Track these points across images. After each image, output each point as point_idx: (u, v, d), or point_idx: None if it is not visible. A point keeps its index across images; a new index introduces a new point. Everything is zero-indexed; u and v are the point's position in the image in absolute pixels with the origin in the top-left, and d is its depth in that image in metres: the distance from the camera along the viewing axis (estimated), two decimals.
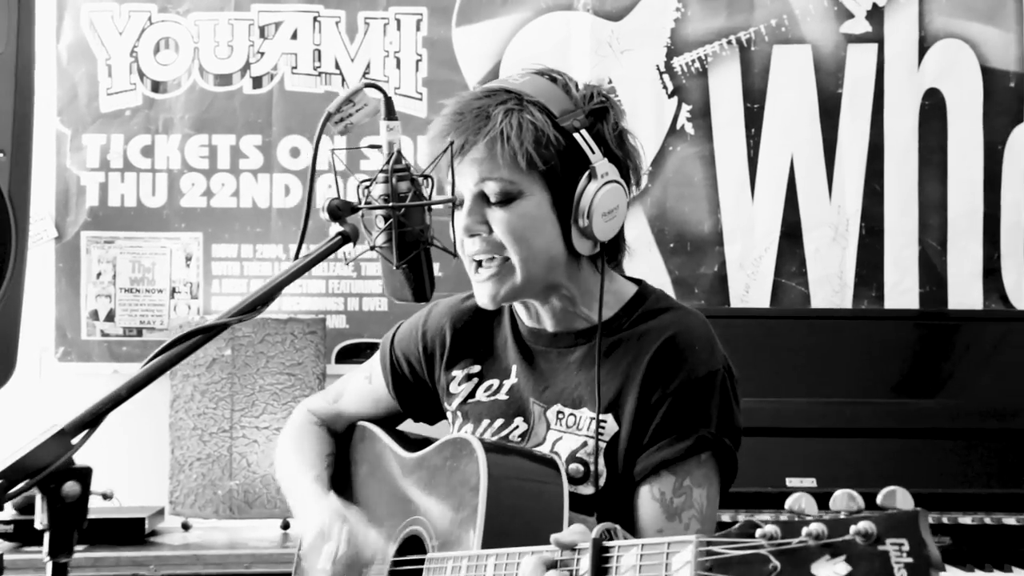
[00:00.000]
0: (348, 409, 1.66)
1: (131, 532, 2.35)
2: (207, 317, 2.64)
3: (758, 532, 0.86)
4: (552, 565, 1.12)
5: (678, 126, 2.74)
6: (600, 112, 1.42)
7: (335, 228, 1.33)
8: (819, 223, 2.83)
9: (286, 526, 2.49)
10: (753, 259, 2.79)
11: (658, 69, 2.76)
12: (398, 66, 2.73)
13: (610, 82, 2.68)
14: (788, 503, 0.87)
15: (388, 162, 1.34)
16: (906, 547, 0.82)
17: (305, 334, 2.53)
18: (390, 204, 1.31)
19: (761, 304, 2.77)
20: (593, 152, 1.36)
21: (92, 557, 2.26)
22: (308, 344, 2.54)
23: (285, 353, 2.52)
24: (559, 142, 1.35)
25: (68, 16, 2.67)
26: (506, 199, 1.36)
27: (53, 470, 1.15)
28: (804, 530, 0.85)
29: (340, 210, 1.31)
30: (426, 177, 1.34)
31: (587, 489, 1.34)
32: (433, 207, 1.37)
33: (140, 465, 2.65)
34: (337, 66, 2.73)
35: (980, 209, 2.83)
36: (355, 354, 2.69)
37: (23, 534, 2.29)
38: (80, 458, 2.14)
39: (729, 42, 2.77)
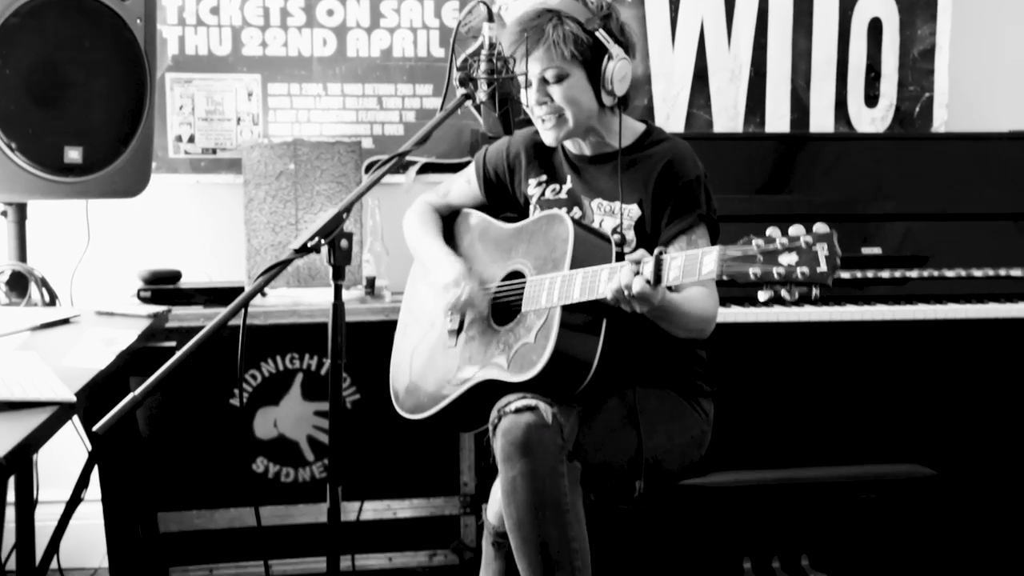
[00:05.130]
0: (455, 201, 2.56)
1: (232, 295, 3.12)
2: (272, 139, 3.39)
3: (753, 242, 1.77)
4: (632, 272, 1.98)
5: None
6: (607, 16, 2.30)
7: (461, 91, 2.20)
8: (720, 68, 3.51)
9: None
10: (673, 95, 3.50)
11: None
12: None
13: None
14: (767, 232, 1.75)
15: (491, 49, 2.21)
16: (826, 247, 1.73)
17: (347, 152, 3.23)
18: (495, 76, 2.20)
19: (677, 128, 3.50)
20: (608, 43, 2.24)
21: (212, 312, 2.93)
22: (349, 160, 3.25)
23: (334, 167, 3.22)
24: (587, 41, 2.23)
25: None
26: (559, 79, 2.24)
27: (336, 232, 1.97)
28: (777, 239, 1.76)
29: (465, 80, 2.18)
30: (512, 58, 2.21)
31: (622, 248, 2.25)
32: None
33: (224, 253, 3.39)
34: None
35: (834, 58, 3.54)
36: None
37: (159, 298, 3.07)
38: (184, 253, 3.09)
39: None
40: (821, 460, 2.52)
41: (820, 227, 1.74)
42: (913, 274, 3.13)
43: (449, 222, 2.60)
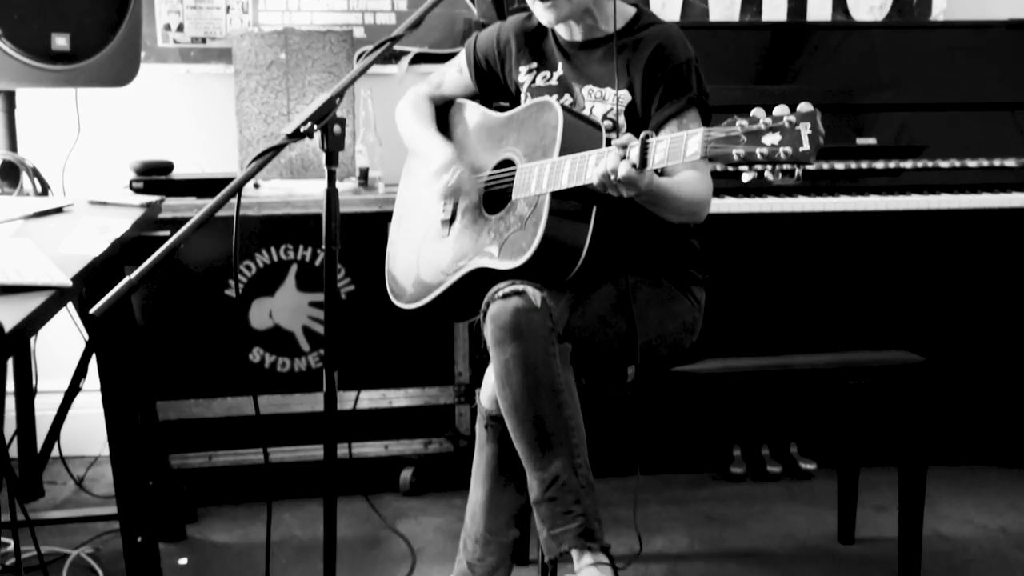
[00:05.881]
0: (448, 91, 2.55)
1: (225, 187, 3.15)
2: (262, 28, 3.35)
3: (737, 123, 1.77)
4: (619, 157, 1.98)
5: None
6: None
7: None
8: None
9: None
10: None
11: None
12: None
13: None
14: (752, 112, 1.76)
15: None
16: (809, 126, 1.73)
17: (339, 42, 3.20)
18: None
19: (673, 18, 3.45)
20: None
21: (205, 203, 3.00)
22: (341, 50, 3.23)
23: (326, 56, 3.20)
24: None
25: None
26: None
27: (329, 118, 1.95)
28: (760, 120, 1.76)
29: None
30: None
31: (613, 135, 2.26)
32: None
33: (215, 144, 3.37)
34: None
35: None
36: None
37: (151, 189, 3.05)
38: (176, 145, 3.04)
39: None
40: (812, 349, 2.55)
41: (804, 106, 1.74)
42: (907, 165, 3.14)
43: (443, 112, 2.59)
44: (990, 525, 3.01)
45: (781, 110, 1.74)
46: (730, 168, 1.80)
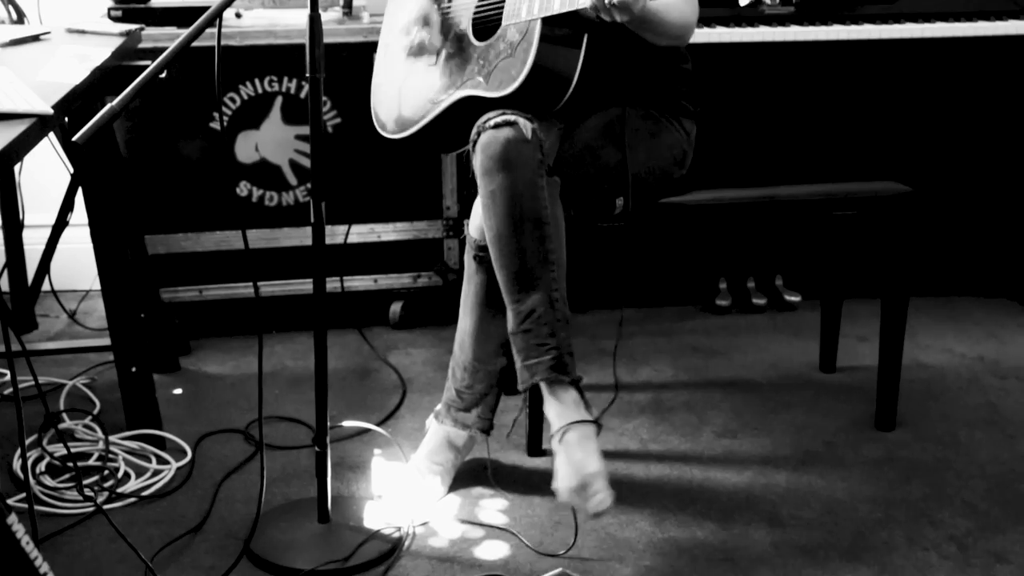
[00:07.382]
0: None
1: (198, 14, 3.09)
2: None
3: None
4: None
5: None
6: None
7: None
8: None
9: None
10: None
11: None
12: None
13: None
14: None
15: None
16: None
17: None
18: None
19: None
20: None
21: (184, 32, 2.97)
22: None
23: None
24: None
25: None
26: None
27: None
28: None
29: None
30: None
31: None
32: None
33: None
34: None
35: None
36: None
37: (130, 17, 2.99)
38: None
39: None
40: (802, 181, 2.55)
41: None
42: None
43: None
44: (968, 353, 3.08)
45: None
46: None
